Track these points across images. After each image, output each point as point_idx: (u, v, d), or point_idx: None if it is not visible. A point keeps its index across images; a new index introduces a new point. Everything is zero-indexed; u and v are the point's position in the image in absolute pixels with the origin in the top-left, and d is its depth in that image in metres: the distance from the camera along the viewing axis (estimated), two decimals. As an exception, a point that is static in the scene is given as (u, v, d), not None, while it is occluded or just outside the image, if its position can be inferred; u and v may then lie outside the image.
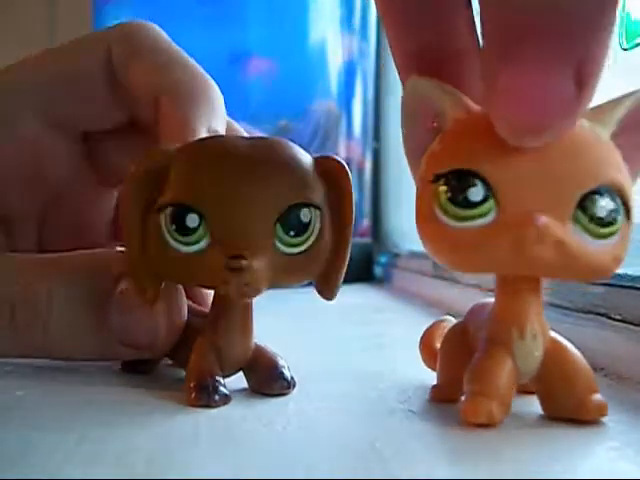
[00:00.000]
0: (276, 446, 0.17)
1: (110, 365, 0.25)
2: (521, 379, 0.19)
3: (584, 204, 0.17)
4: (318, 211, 0.20)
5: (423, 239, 0.19)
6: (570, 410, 0.19)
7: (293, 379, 0.22)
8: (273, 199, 0.20)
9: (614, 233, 0.18)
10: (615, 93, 0.18)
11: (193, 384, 0.21)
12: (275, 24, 0.72)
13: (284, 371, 0.22)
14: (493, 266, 0.18)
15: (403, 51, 0.20)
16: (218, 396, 0.20)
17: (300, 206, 0.20)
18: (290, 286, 0.21)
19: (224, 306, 0.22)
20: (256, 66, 0.71)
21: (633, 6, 0.31)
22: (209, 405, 0.20)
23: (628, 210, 0.18)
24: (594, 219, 0.17)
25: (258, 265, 0.19)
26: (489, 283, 0.30)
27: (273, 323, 0.29)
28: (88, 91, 0.27)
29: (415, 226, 0.19)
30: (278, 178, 0.20)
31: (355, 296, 0.59)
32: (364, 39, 0.79)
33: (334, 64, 0.75)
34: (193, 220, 0.19)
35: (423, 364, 0.25)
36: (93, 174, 0.30)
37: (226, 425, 0.19)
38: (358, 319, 0.46)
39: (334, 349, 0.33)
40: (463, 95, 0.18)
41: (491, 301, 0.21)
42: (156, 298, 0.21)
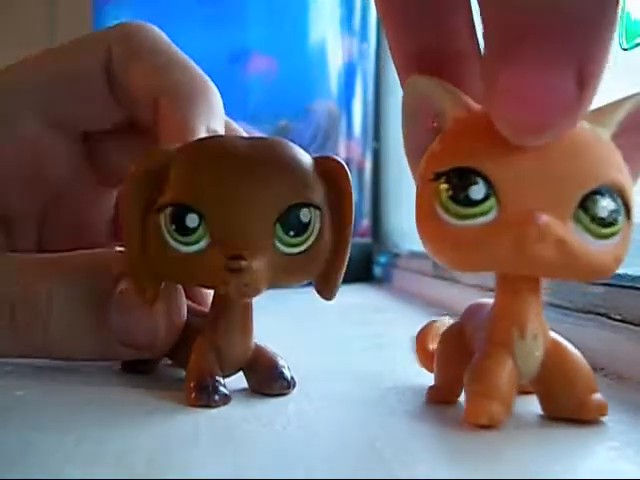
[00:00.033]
0: (276, 446, 0.17)
1: (110, 365, 0.25)
2: (521, 379, 0.19)
3: (585, 204, 0.17)
4: (318, 211, 0.20)
5: (423, 238, 0.19)
6: (570, 410, 0.19)
7: (293, 379, 0.22)
8: (273, 199, 0.20)
9: (615, 233, 0.18)
10: (615, 93, 0.18)
11: (193, 384, 0.21)
12: (275, 24, 0.72)
13: (284, 371, 0.22)
14: (494, 265, 0.18)
15: (403, 52, 0.20)
16: (218, 396, 0.20)
17: (300, 206, 0.20)
18: (290, 286, 0.21)
19: (224, 306, 0.22)
20: (257, 64, 0.71)
21: (633, 6, 0.31)
22: (209, 405, 0.20)
23: (629, 210, 0.18)
24: (595, 219, 0.17)
25: (258, 265, 0.19)
26: (489, 283, 0.30)
27: (273, 323, 0.29)
28: (88, 91, 0.28)
29: (415, 225, 0.19)
30: (278, 178, 0.20)
31: (355, 296, 0.59)
32: (364, 39, 0.79)
33: (334, 64, 0.75)
34: (193, 220, 0.19)
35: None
36: (93, 174, 0.30)
37: (226, 425, 0.19)
38: (358, 319, 0.46)
39: (334, 349, 0.33)
40: (463, 94, 0.18)
41: (488, 301, 0.21)
42: (156, 298, 0.21)
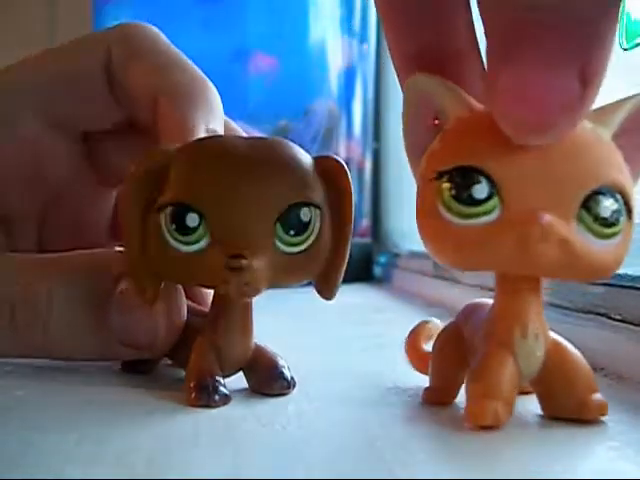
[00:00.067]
0: (276, 446, 0.17)
1: (110, 365, 0.25)
2: (522, 380, 0.19)
3: (588, 204, 0.17)
4: (318, 210, 0.20)
5: (424, 237, 0.19)
6: (571, 410, 0.19)
7: (293, 379, 0.22)
8: (273, 198, 0.20)
9: (617, 234, 0.18)
10: (615, 93, 0.18)
11: (193, 384, 0.21)
12: (276, 24, 0.72)
13: (284, 371, 0.22)
14: (496, 264, 0.18)
15: (402, 52, 0.20)
16: (218, 396, 0.20)
17: (300, 205, 0.20)
18: (290, 286, 0.21)
19: (224, 306, 0.22)
20: (259, 62, 0.71)
21: (633, 6, 0.31)
22: (209, 405, 0.20)
23: (630, 211, 0.18)
24: (598, 219, 0.17)
25: (258, 264, 0.19)
26: (489, 283, 0.30)
27: (273, 323, 0.29)
28: (88, 91, 0.28)
29: (416, 224, 0.19)
30: (278, 177, 0.20)
31: (355, 296, 0.59)
32: (364, 40, 0.79)
33: (334, 64, 0.75)
34: (193, 220, 0.19)
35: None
36: (93, 174, 0.30)
37: (226, 425, 0.19)
38: (358, 319, 0.46)
39: (334, 349, 0.33)
40: (465, 93, 0.18)
41: (485, 301, 0.21)
42: (156, 298, 0.21)
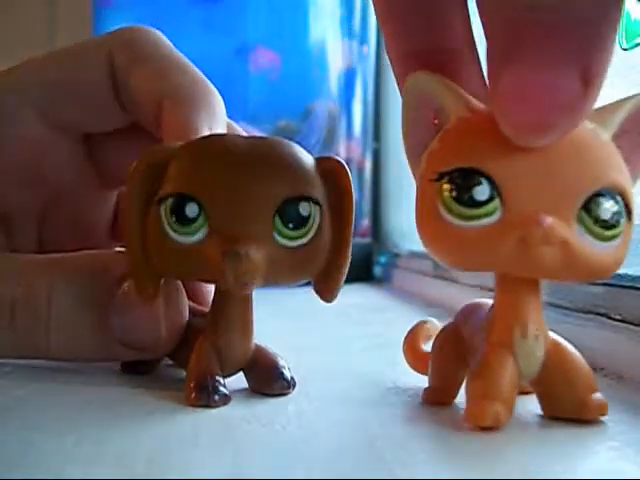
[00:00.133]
0: (276, 446, 0.17)
1: (110, 365, 0.25)
2: (522, 380, 0.19)
3: (589, 206, 0.17)
4: (318, 207, 0.20)
5: (424, 238, 0.19)
6: (571, 410, 0.19)
7: (293, 379, 0.22)
8: (272, 191, 0.20)
9: (617, 236, 0.18)
10: (615, 93, 0.18)
11: (193, 384, 0.21)
12: (276, 25, 0.72)
13: (284, 371, 0.22)
14: (496, 265, 0.18)
15: (400, 52, 0.20)
16: (218, 396, 0.20)
17: (299, 199, 0.20)
18: (289, 286, 0.21)
19: (224, 305, 0.22)
20: (261, 57, 0.70)
21: (633, 6, 0.31)
22: (209, 405, 0.20)
23: (630, 212, 0.18)
24: (599, 221, 0.17)
25: (256, 254, 0.19)
26: (489, 283, 0.30)
27: (273, 323, 0.29)
28: (90, 96, 0.28)
29: (415, 225, 0.19)
30: (278, 172, 0.20)
31: (355, 296, 0.59)
32: (364, 41, 0.79)
33: (334, 65, 0.75)
34: (192, 210, 0.19)
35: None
36: (94, 175, 0.30)
37: (226, 425, 0.19)
38: (358, 319, 0.46)
39: (334, 349, 0.33)
40: (465, 92, 0.18)
41: (484, 301, 0.21)
42: (156, 294, 0.21)
